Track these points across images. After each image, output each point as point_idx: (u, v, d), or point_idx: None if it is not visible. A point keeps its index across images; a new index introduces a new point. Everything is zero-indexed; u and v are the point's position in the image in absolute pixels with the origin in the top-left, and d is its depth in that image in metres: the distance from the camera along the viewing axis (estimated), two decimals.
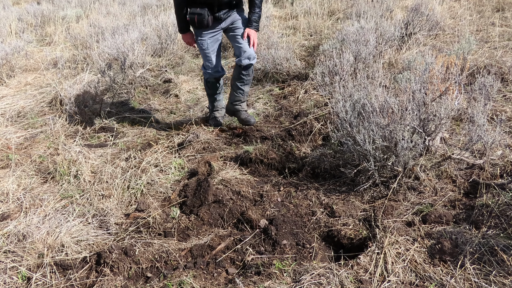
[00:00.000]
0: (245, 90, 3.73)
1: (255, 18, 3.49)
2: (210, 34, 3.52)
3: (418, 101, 2.76)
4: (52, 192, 3.04)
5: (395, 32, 4.94)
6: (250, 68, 3.61)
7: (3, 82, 5.36)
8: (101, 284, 2.17)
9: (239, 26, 3.55)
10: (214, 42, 3.58)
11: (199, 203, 2.78)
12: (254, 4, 3.46)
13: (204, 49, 3.57)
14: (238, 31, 3.56)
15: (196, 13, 3.32)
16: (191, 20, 3.37)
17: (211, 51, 3.58)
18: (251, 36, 3.51)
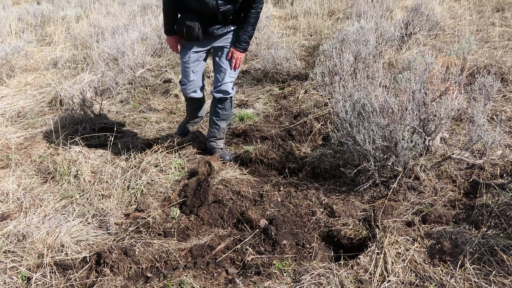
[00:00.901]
0: (221, 125, 3.38)
1: (246, 38, 3.05)
2: (197, 50, 3.12)
3: (418, 101, 2.76)
4: (52, 192, 3.03)
5: (395, 32, 4.94)
6: (226, 102, 3.26)
7: (3, 82, 5.36)
8: (101, 284, 2.17)
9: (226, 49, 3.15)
10: (197, 60, 3.15)
11: (199, 203, 2.78)
12: (248, 21, 3.01)
13: (184, 62, 3.15)
14: (225, 58, 3.15)
15: (186, 24, 2.92)
16: (180, 30, 3.00)
17: (191, 67, 3.15)
18: (234, 57, 3.11)
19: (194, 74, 3.18)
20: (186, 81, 3.20)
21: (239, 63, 3.15)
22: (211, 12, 2.87)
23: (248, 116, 4.09)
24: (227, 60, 3.13)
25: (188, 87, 3.23)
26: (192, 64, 3.14)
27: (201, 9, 2.87)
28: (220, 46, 3.13)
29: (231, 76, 3.17)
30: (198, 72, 3.20)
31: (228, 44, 3.11)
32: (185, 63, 3.14)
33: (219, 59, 3.16)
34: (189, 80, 3.19)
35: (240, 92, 4.86)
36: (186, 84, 3.21)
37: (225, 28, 3.03)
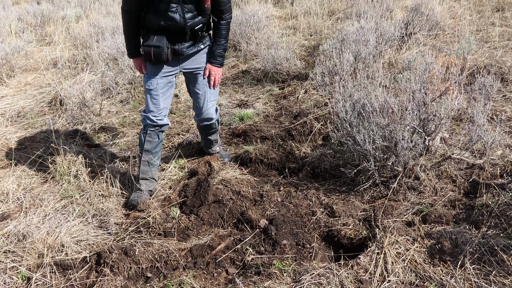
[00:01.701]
0: (212, 138, 3.29)
1: (220, 51, 2.83)
2: (165, 73, 2.77)
3: (418, 101, 2.76)
4: (52, 192, 3.03)
5: (395, 32, 4.94)
6: (210, 125, 3.13)
7: (3, 82, 5.36)
8: (101, 284, 2.17)
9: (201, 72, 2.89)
10: (166, 84, 2.81)
11: (199, 203, 2.78)
12: (219, 34, 2.78)
13: (151, 90, 2.77)
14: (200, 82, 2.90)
15: (153, 45, 2.56)
16: (146, 53, 2.61)
17: (161, 94, 2.79)
18: (213, 74, 2.88)
19: (164, 101, 2.83)
20: (156, 110, 2.81)
21: (218, 80, 2.91)
22: (179, 29, 2.60)
23: (248, 116, 4.09)
24: (203, 84, 2.90)
25: (158, 115, 2.83)
26: (162, 90, 2.79)
27: (168, 27, 2.58)
28: (191, 71, 2.87)
29: (211, 100, 2.97)
30: (168, 98, 2.87)
31: (200, 67, 2.86)
32: (153, 91, 2.77)
33: (194, 85, 2.92)
34: (159, 108, 2.81)
35: (240, 92, 4.86)
36: (155, 112, 2.81)
37: (195, 47, 2.75)
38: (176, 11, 2.53)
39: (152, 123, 2.82)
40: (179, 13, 2.54)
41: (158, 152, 2.96)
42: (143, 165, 2.92)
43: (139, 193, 2.90)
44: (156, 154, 2.94)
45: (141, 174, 2.93)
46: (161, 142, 2.95)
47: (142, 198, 2.84)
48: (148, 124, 2.83)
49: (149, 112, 2.81)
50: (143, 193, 2.90)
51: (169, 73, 2.78)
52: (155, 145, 2.90)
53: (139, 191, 2.91)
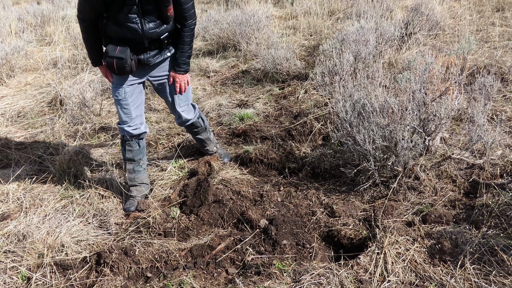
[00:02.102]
0: (203, 137, 3.21)
1: (184, 59, 2.70)
2: (131, 82, 2.65)
3: (418, 101, 2.76)
4: (52, 192, 3.03)
5: (395, 32, 4.94)
6: (192, 125, 3.05)
7: (3, 82, 5.36)
8: (101, 284, 2.17)
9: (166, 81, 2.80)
10: (135, 91, 2.67)
11: (199, 203, 2.78)
12: (183, 41, 2.64)
13: (120, 99, 2.65)
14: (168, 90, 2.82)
15: (115, 56, 2.44)
16: (109, 64, 2.48)
17: (131, 103, 2.67)
18: (178, 81, 2.76)
19: (136, 109, 2.72)
20: (129, 120, 2.70)
21: (184, 86, 2.80)
22: (142, 38, 2.48)
23: (248, 116, 4.09)
24: (171, 90, 2.81)
25: (133, 124, 2.72)
26: (131, 99, 2.66)
27: (130, 37, 2.46)
28: (157, 81, 2.77)
29: (182, 105, 2.89)
30: (140, 106, 2.75)
31: (167, 74, 2.76)
32: (122, 101, 2.64)
33: (162, 93, 2.84)
34: (132, 117, 2.70)
35: (240, 92, 4.86)
36: (129, 122, 2.70)
37: (161, 55, 2.64)
38: (136, 22, 2.41)
39: (129, 134, 2.73)
40: (140, 23, 2.42)
41: (142, 158, 2.88)
42: (128, 173, 2.89)
43: (132, 200, 2.88)
44: (139, 161, 2.87)
45: (129, 181, 2.90)
46: (143, 148, 2.87)
47: (134, 205, 2.84)
48: (125, 135, 2.74)
49: (123, 123, 2.71)
50: (135, 199, 2.88)
51: (136, 81, 2.66)
52: (136, 153, 2.83)
53: (131, 198, 2.89)
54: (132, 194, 2.89)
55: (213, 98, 4.67)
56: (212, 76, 5.42)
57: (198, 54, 6.34)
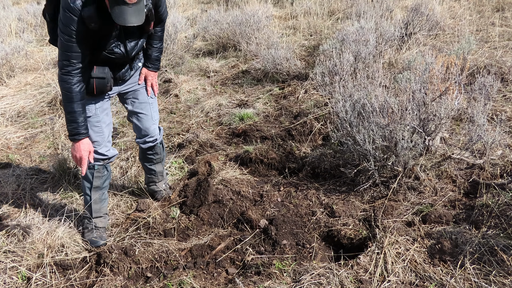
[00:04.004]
0: (157, 169, 2.86)
1: (158, 55, 2.53)
2: (101, 99, 2.37)
3: (418, 101, 2.76)
4: (52, 192, 3.03)
5: (395, 32, 4.94)
6: (156, 147, 2.74)
7: (3, 82, 5.36)
8: (101, 284, 2.17)
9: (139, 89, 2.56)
10: (106, 109, 2.41)
11: (199, 203, 2.78)
12: (155, 36, 2.46)
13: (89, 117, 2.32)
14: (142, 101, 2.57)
15: (96, 77, 2.22)
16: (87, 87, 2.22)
17: (102, 120, 2.37)
18: (149, 80, 2.56)
19: (107, 128, 2.43)
20: (101, 139, 2.39)
21: (156, 85, 2.62)
22: (123, 60, 2.31)
23: (248, 116, 4.09)
24: (146, 102, 2.58)
25: (107, 144, 2.45)
26: (102, 115, 2.38)
27: (111, 59, 2.26)
28: (127, 91, 2.53)
29: (155, 119, 2.65)
30: (110, 124, 2.47)
31: (136, 84, 2.53)
32: (93, 117, 2.33)
33: (135, 105, 2.57)
34: (105, 137, 2.41)
35: (240, 92, 4.86)
36: (100, 142, 2.39)
37: (134, 68, 2.45)
38: (119, 45, 2.22)
39: (100, 156, 2.41)
40: (124, 46, 2.24)
41: (107, 185, 2.59)
42: (94, 204, 2.53)
43: (98, 232, 2.56)
44: (106, 188, 2.57)
45: (94, 213, 2.55)
46: (110, 173, 2.57)
47: (103, 238, 2.54)
48: (95, 158, 2.37)
49: (93, 143, 2.34)
50: (100, 230, 2.57)
51: (106, 98, 2.40)
52: (104, 179, 2.51)
53: (96, 229, 2.56)
54: (98, 226, 2.57)
55: (213, 98, 4.67)
56: (212, 76, 5.42)
57: (198, 54, 6.34)
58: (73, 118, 2.15)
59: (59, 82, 2.13)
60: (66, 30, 1.99)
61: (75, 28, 1.98)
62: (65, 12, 1.96)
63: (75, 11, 1.95)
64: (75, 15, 1.96)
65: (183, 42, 6.77)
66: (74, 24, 1.98)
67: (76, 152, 2.21)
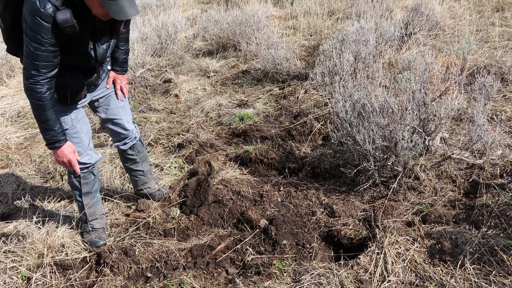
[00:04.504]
0: (145, 168, 2.78)
1: (124, 57, 2.42)
2: (75, 108, 2.25)
3: (418, 101, 2.76)
4: (52, 192, 3.03)
5: (395, 32, 4.94)
6: (136, 145, 2.66)
7: (3, 82, 5.36)
8: (101, 284, 2.17)
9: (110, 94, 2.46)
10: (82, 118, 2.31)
11: (199, 203, 2.78)
12: (121, 38, 2.35)
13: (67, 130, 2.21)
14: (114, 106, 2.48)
15: (68, 85, 2.09)
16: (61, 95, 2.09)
17: (80, 130, 2.28)
18: (118, 83, 2.46)
19: (86, 135, 2.34)
20: (82, 149, 2.30)
21: (125, 87, 2.52)
22: (95, 64, 2.20)
23: (248, 116, 4.09)
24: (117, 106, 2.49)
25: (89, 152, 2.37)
26: (79, 125, 2.28)
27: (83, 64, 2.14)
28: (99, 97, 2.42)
29: (128, 121, 2.55)
30: (89, 131, 2.38)
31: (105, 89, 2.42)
32: (70, 129, 2.23)
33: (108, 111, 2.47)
34: (85, 146, 2.33)
35: (240, 92, 4.86)
36: (82, 152, 2.31)
37: (103, 72, 2.34)
38: (92, 48, 2.10)
39: (83, 165, 2.34)
40: (94, 49, 2.12)
41: (98, 187, 2.53)
42: (87, 209, 2.49)
43: (96, 233, 2.55)
44: (96, 191, 2.52)
45: (90, 216, 2.52)
46: (97, 176, 2.51)
47: (103, 238, 2.54)
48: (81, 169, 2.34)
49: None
50: (99, 231, 2.56)
51: (81, 104, 2.29)
52: (93, 184, 2.47)
53: (94, 230, 2.55)
54: (95, 227, 2.55)
55: (213, 98, 4.67)
56: (212, 76, 5.42)
57: (198, 54, 6.34)
58: (49, 127, 2.03)
59: (26, 91, 1.96)
60: (36, 38, 1.83)
61: (46, 35, 1.84)
62: (34, 19, 1.80)
63: (47, 17, 1.81)
64: (47, 22, 1.82)
65: (183, 42, 6.78)
66: (45, 31, 1.83)
67: (61, 158, 2.12)
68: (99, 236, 2.54)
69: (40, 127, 2.04)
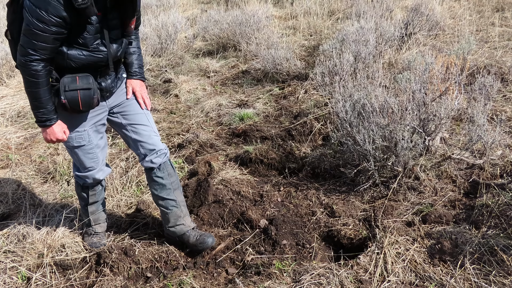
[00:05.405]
0: (178, 198, 2.38)
1: (139, 62, 2.27)
2: (93, 119, 2.13)
3: (418, 101, 2.76)
4: (52, 192, 3.03)
5: (395, 32, 4.94)
6: (166, 165, 2.31)
7: (3, 82, 5.36)
8: (101, 284, 2.17)
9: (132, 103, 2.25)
10: (98, 131, 2.19)
11: (199, 203, 2.78)
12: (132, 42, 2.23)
13: (83, 146, 2.14)
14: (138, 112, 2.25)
15: (79, 88, 1.93)
16: (72, 100, 1.93)
17: (95, 146, 2.18)
18: (138, 91, 2.26)
19: (102, 152, 2.25)
20: (95, 164, 2.23)
21: (147, 97, 2.30)
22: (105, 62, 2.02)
23: (248, 116, 4.09)
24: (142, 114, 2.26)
25: (102, 168, 2.29)
26: (96, 141, 2.18)
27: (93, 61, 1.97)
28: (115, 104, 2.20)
29: (155, 131, 2.30)
30: (105, 147, 2.28)
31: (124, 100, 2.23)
32: (86, 146, 2.15)
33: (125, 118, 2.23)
34: (99, 161, 2.25)
35: (240, 92, 4.86)
36: (95, 167, 2.24)
37: (118, 78, 2.19)
38: (103, 42, 1.96)
39: (94, 181, 2.29)
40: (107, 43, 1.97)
41: (104, 195, 2.48)
42: (91, 215, 2.45)
43: (98, 236, 2.51)
44: (102, 199, 2.47)
45: (94, 222, 2.49)
46: (104, 186, 2.45)
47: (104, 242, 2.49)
48: (91, 183, 2.30)
49: (88, 169, 2.24)
50: (100, 235, 2.52)
51: (99, 116, 2.15)
52: (100, 194, 2.42)
53: (95, 234, 2.50)
54: (97, 231, 2.51)
55: (213, 98, 4.67)
56: (212, 76, 5.42)
57: (198, 54, 6.34)
58: (41, 105, 1.91)
59: (20, 67, 1.83)
60: (38, 14, 1.71)
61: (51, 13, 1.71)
62: None
63: None
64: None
65: (183, 42, 6.77)
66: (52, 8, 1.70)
67: (50, 137, 2.00)
68: (100, 240, 2.51)
69: (32, 104, 1.92)
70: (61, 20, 1.75)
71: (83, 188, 2.34)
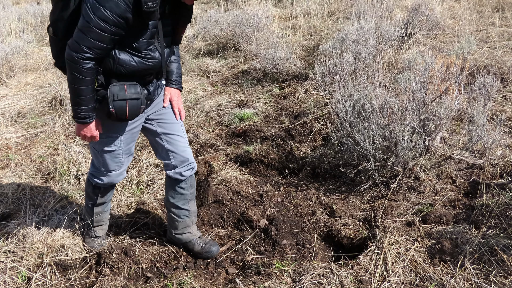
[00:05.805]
0: (191, 208, 2.38)
1: (178, 71, 2.25)
2: (131, 125, 2.10)
3: (418, 101, 2.76)
4: (52, 192, 3.03)
5: (395, 32, 4.94)
6: (191, 178, 2.31)
7: (3, 82, 5.36)
8: (101, 284, 2.17)
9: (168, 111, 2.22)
10: (132, 138, 2.16)
11: (199, 203, 2.78)
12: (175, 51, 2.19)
13: (113, 150, 2.13)
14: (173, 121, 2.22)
15: (128, 98, 1.89)
16: (119, 110, 1.89)
17: (124, 152, 2.16)
18: (175, 101, 2.23)
19: (128, 159, 2.24)
20: (118, 168, 2.21)
21: (181, 108, 2.28)
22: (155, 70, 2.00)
23: (248, 116, 4.09)
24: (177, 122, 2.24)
25: (123, 172, 2.27)
26: (126, 148, 2.16)
27: (143, 68, 1.93)
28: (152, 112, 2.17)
29: (187, 144, 2.29)
30: (131, 155, 2.26)
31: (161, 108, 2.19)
32: (117, 151, 2.13)
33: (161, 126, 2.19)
34: (123, 166, 2.23)
35: (240, 92, 4.86)
36: (117, 170, 2.22)
37: (159, 86, 2.14)
38: (156, 49, 1.92)
39: (112, 183, 2.27)
40: (161, 49, 1.94)
41: (111, 197, 2.44)
42: (95, 216, 2.41)
43: (99, 240, 2.48)
44: (109, 200, 2.44)
45: (96, 223, 2.44)
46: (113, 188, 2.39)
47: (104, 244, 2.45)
48: (104, 184, 2.27)
49: (110, 172, 2.20)
50: (101, 238, 2.49)
51: (136, 123, 2.10)
52: (109, 196, 2.39)
53: (96, 238, 2.47)
54: (98, 234, 2.47)
55: (213, 98, 4.67)
56: (212, 76, 5.42)
57: (198, 54, 6.33)
58: (84, 102, 1.86)
59: (70, 62, 1.76)
60: (101, 12, 1.67)
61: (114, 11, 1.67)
62: None
63: None
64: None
65: (183, 42, 6.77)
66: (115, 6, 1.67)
67: (85, 133, 1.97)
68: (101, 242, 2.47)
69: (74, 100, 1.86)
70: (124, 21, 1.72)
71: (94, 188, 2.31)
